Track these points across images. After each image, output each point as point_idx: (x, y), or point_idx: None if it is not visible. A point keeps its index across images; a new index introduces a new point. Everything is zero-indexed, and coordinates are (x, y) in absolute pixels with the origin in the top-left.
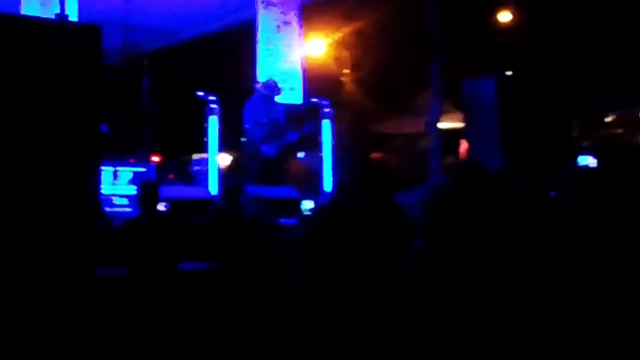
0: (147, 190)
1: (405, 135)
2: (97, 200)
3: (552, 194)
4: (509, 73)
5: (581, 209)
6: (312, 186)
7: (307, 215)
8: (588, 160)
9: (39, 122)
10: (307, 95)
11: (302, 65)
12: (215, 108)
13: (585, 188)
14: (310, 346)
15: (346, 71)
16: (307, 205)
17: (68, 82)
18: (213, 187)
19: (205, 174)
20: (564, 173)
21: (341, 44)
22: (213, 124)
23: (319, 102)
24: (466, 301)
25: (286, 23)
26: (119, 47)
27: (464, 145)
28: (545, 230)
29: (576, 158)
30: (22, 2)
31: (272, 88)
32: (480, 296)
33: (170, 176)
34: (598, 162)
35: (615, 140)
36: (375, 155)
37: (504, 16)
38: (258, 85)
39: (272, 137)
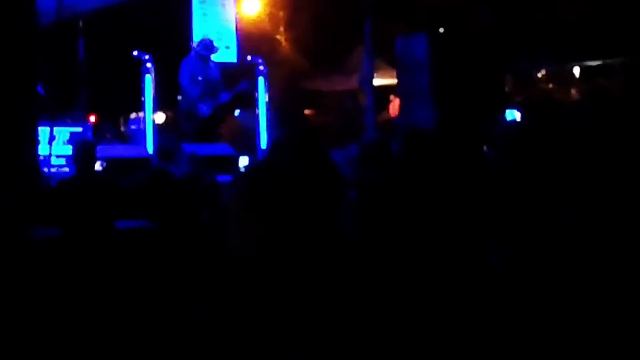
0: (82, 149)
1: (339, 93)
2: (34, 160)
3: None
4: (441, 30)
5: (508, 164)
6: (248, 143)
7: (241, 173)
8: (515, 114)
9: None
10: (242, 54)
11: (236, 25)
12: (151, 67)
13: (512, 143)
14: (245, 305)
15: (280, 30)
16: (243, 162)
17: (2, 43)
18: (150, 146)
19: (141, 133)
20: (495, 128)
21: (275, 3)
22: (149, 83)
23: (253, 60)
24: (398, 254)
25: None
26: (54, 8)
27: (395, 102)
28: (479, 185)
29: (504, 113)
30: None
31: (209, 47)
32: (412, 248)
33: (107, 135)
34: (523, 116)
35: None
36: (308, 112)
37: None
38: (194, 45)
39: (207, 95)
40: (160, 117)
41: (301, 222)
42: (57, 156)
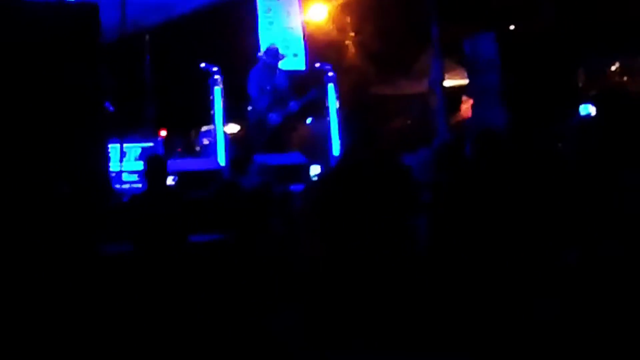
0: (153, 164)
1: (408, 97)
2: (105, 177)
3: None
4: (511, 27)
5: (583, 159)
6: (320, 151)
7: (313, 182)
8: (589, 109)
9: (42, 105)
10: (310, 61)
11: (303, 32)
12: (219, 79)
13: (587, 138)
14: (317, 315)
15: (348, 35)
16: (315, 170)
17: (68, 62)
18: (221, 158)
19: (213, 146)
20: (568, 125)
21: (341, 8)
22: (218, 95)
23: (322, 67)
24: (473, 258)
25: None
26: (118, 24)
27: (467, 103)
28: (553, 184)
29: (578, 108)
30: None
31: (274, 54)
32: (487, 250)
33: (178, 150)
34: (597, 111)
35: (618, 89)
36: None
37: None
38: (260, 54)
39: (277, 104)
40: (232, 129)
41: (374, 230)
42: (129, 172)
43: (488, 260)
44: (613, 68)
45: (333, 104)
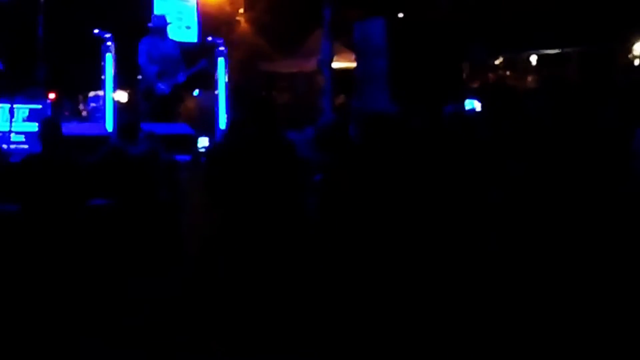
0: (48, 127)
1: (296, 74)
2: None
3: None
4: (400, 15)
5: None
6: (207, 124)
7: (200, 153)
8: (474, 104)
9: None
10: (202, 35)
11: (197, 5)
12: (111, 46)
13: (468, 131)
14: (203, 283)
15: (240, 11)
16: (202, 142)
17: None
18: (109, 124)
19: (101, 111)
20: (450, 116)
21: None
22: (109, 62)
23: (213, 40)
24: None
25: None
26: None
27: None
28: (435, 166)
29: (463, 101)
30: None
31: (160, 20)
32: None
33: (66, 113)
34: (482, 106)
35: (500, 83)
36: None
37: None
38: (149, 24)
39: (166, 74)
40: (121, 96)
41: (260, 202)
42: (17, 133)
43: (374, 240)
44: (497, 62)
45: (222, 78)
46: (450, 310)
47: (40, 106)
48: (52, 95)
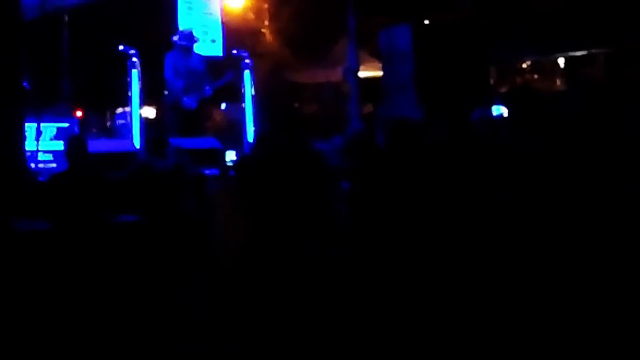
0: (74, 144)
1: (322, 84)
2: (21, 155)
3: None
4: (425, 22)
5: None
6: (234, 137)
7: (229, 167)
8: (502, 110)
9: None
10: (227, 47)
11: (221, 18)
12: (137, 62)
13: (496, 137)
14: (233, 295)
15: (265, 22)
16: (230, 156)
17: None
18: (136, 140)
19: (128, 128)
20: (478, 123)
21: None
22: (135, 77)
23: (239, 53)
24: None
25: None
26: (38, 3)
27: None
28: (470, 176)
29: (491, 107)
30: None
31: (188, 37)
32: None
33: (94, 130)
34: (509, 111)
35: (525, 87)
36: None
37: None
38: (175, 38)
39: (192, 88)
40: (148, 112)
41: (290, 212)
42: (44, 152)
43: (408, 243)
44: (524, 65)
45: (249, 90)
46: (479, 316)
47: (67, 124)
48: (79, 113)
